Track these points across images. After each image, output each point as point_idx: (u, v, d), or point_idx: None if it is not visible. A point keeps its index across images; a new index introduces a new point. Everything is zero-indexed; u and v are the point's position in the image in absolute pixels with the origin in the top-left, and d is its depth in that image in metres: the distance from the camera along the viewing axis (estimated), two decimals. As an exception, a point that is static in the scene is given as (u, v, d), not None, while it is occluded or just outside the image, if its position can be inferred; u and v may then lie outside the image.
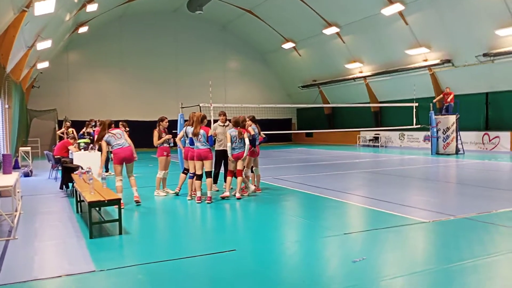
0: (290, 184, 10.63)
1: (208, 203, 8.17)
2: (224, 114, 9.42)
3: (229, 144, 8.51)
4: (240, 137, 8.51)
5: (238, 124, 8.67)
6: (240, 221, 7.28)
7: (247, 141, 8.55)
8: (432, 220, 6.42)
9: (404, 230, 5.99)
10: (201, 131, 8.26)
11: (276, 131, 23.20)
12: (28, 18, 10.68)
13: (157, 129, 9.28)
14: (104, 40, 26.79)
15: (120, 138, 8.28)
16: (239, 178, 8.68)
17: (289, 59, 30.65)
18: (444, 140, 18.65)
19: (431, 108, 19.66)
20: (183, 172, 9.22)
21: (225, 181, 8.98)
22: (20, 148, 15.59)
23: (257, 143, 9.20)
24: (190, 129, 8.53)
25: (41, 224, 6.85)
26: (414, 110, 20.17)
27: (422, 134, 22.84)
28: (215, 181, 9.53)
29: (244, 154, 8.54)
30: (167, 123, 9.38)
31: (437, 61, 21.04)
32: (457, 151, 18.69)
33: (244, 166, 8.85)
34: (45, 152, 14.13)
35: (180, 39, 29.12)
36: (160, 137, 9.17)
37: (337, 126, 29.01)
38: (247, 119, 9.24)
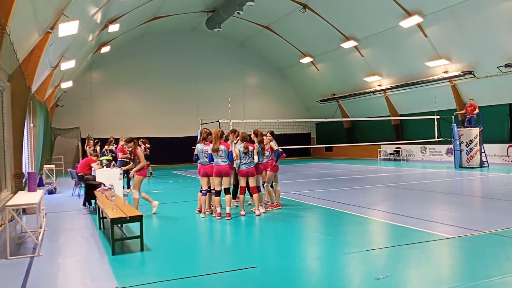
0: (310, 199, 10.54)
1: (227, 219, 8.16)
2: (234, 132, 9.20)
3: (237, 161, 8.49)
4: (245, 151, 8.44)
5: (246, 139, 8.66)
6: (261, 237, 7.23)
7: (256, 158, 8.55)
8: (457, 235, 6.27)
9: (428, 246, 5.86)
10: (222, 147, 8.29)
11: (295, 146, 23.15)
12: (53, 39, 11.01)
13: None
14: (125, 59, 27.37)
15: None
16: (255, 195, 8.63)
17: (307, 74, 30.71)
18: (468, 153, 18.29)
19: (453, 121, 19.35)
20: (200, 191, 9.01)
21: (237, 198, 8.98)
22: (45, 166, 15.94)
23: (275, 158, 9.18)
24: (201, 146, 8.55)
25: (65, 240, 6.95)
26: (436, 122, 19.88)
27: (444, 147, 22.44)
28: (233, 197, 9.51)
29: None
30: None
31: (458, 73, 20.74)
32: (481, 164, 18.28)
33: (260, 183, 8.85)
34: (68, 169, 14.40)
35: (199, 56, 29.55)
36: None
37: (357, 140, 28.76)
38: (268, 135, 9.25)
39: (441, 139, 19.83)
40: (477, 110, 18.76)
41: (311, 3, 23.24)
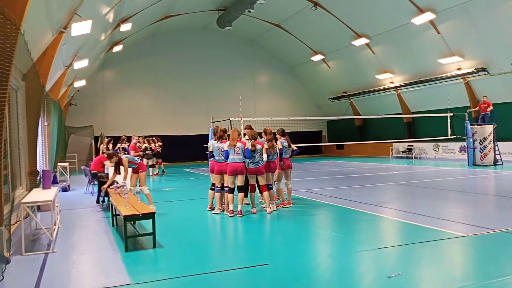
0: (322, 197, 10.52)
1: (239, 217, 8.19)
2: (250, 128, 9.16)
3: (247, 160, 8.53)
4: (252, 149, 8.45)
5: (255, 137, 8.66)
6: (272, 235, 7.24)
7: (264, 156, 8.56)
8: (470, 234, 6.21)
9: (441, 244, 5.81)
10: (239, 144, 8.33)
11: (306, 144, 23.09)
12: (66, 39, 11.14)
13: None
14: (137, 58, 27.56)
15: None
16: (265, 193, 8.65)
17: (318, 71, 30.60)
18: (481, 151, 18.07)
19: (467, 118, 19.13)
20: (211, 189, 9.11)
21: (248, 196, 9.01)
22: (59, 164, 16.14)
23: (286, 156, 9.17)
24: (217, 144, 8.59)
25: (79, 237, 7.05)
26: (449, 120, 19.67)
27: (457, 145, 22.20)
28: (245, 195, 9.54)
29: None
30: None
31: (471, 70, 20.49)
32: (495, 162, 18.05)
33: (269, 180, 8.86)
34: (82, 167, 14.57)
35: (210, 54, 29.62)
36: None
37: (368, 137, 28.59)
38: (278, 133, 9.26)
39: (454, 136, 19.62)
40: (491, 107, 18.53)
41: (322, 1, 23.13)
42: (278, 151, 8.99)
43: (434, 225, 6.83)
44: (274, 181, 9.34)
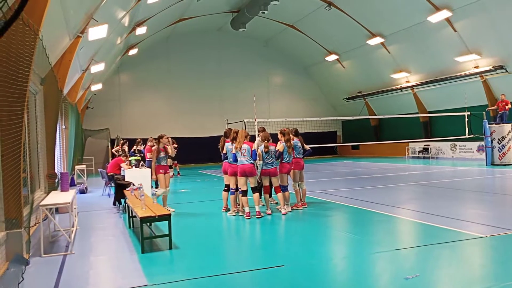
0: (337, 198, 10.46)
1: (258, 217, 8.19)
2: (263, 130, 9.19)
3: (260, 162, 8.51)
4: (265, 151, 8.46)
5: (267, 139, 8.64)
6: (288, 236, 7.22)
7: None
8: (489, 235, 6.10)
9: (459, 245, 5.73)
10: (245, 146, 8.34)
11: (321, 144, 22.98)
12: (83, 43, 11.30)
13: (155, 146, 9.35)
14: (152, 61, 27.80)
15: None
16: (279, 195, 8.63)
17: (332, 71, 30.44)
18: (500, 150, 17.75)
19: (485, 117, 18.81)
20: (224, 190, 9.17)
21: (270, 196, 9.01)
22: (76, 166, 16.38)
23: (299, 156, 9.12)
24: (230, 146, 8.61)
25: (96, 239, 7.14)
26: (466, 119, 19.36)
27: (475, 144, 21.82)
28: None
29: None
30: (168, 139, 9.53)
31: (489, 68, 20.13)
32: (515, 161, 17.71)
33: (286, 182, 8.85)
34: (99, 169, 14.76)
35: (224, 56, 29.72)
36: (158, 155, 9.19)
37: (384, 137, 28.30)
38: (291, 133, 9.23)
39: (472, 136, 19.30)
40: (509, 106, 18.18)
41: (336, 0, 23.00)
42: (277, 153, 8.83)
43: (452, 226, 6.73)
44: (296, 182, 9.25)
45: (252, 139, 9.06)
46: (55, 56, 9.99)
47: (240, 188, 8.48)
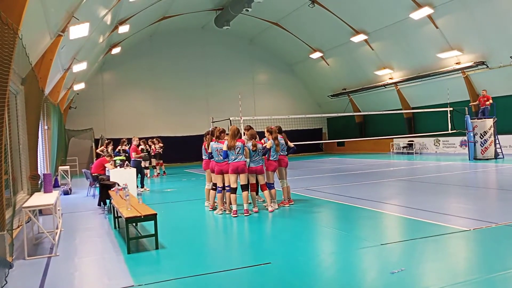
0: (323, 194, 10.52)
1: (246, 215, 8.19)
2: (250, 128, 9.14)
3: (248, 159, 8.50)
4: (253, 149, 8.46)
5: (254, 137, 8.63)
6: (274, 233, 7.24)
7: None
8: (472, 228, 6.21)
9: (443, 239, 5.81)
10: (238, 143, 8.30)
11: (307, 142, 23.07)
12: (64, 42, 11.13)
13: (205, 142, 9.29)
14: (136, 59, 27.54)
15: None
16: (266, 192, 8.64)
17: (317, 69, 30.57)
18: (482, 145, 18.06)
19: (467, 112, 19.11)
20: (212, 189, 9.12)
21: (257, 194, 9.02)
22: (60, 167, 16.14)
23: (283, 153, 9.14)
24: (215, 144, 8.55)
25: (81, 240, 7.05)
26: (449, 114, 19.65)
27: (458, 139, 22.18)
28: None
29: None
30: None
31: (471, 64, 20.46)
32: (496, 155, 18.04)
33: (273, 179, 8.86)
34: (83, 170, 14.58)
35: (208, 54, 29.59)
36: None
37: (369, 134, 28.56)
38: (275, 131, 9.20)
39: (455, 131, 19.60)
40: (490, 101, 18.52)
41: (319, -2, 23.11)
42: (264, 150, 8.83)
43: (436, 220, 6.83)
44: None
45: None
46: (36, 55, 9.82)
47: (228, 186, 8.45)
